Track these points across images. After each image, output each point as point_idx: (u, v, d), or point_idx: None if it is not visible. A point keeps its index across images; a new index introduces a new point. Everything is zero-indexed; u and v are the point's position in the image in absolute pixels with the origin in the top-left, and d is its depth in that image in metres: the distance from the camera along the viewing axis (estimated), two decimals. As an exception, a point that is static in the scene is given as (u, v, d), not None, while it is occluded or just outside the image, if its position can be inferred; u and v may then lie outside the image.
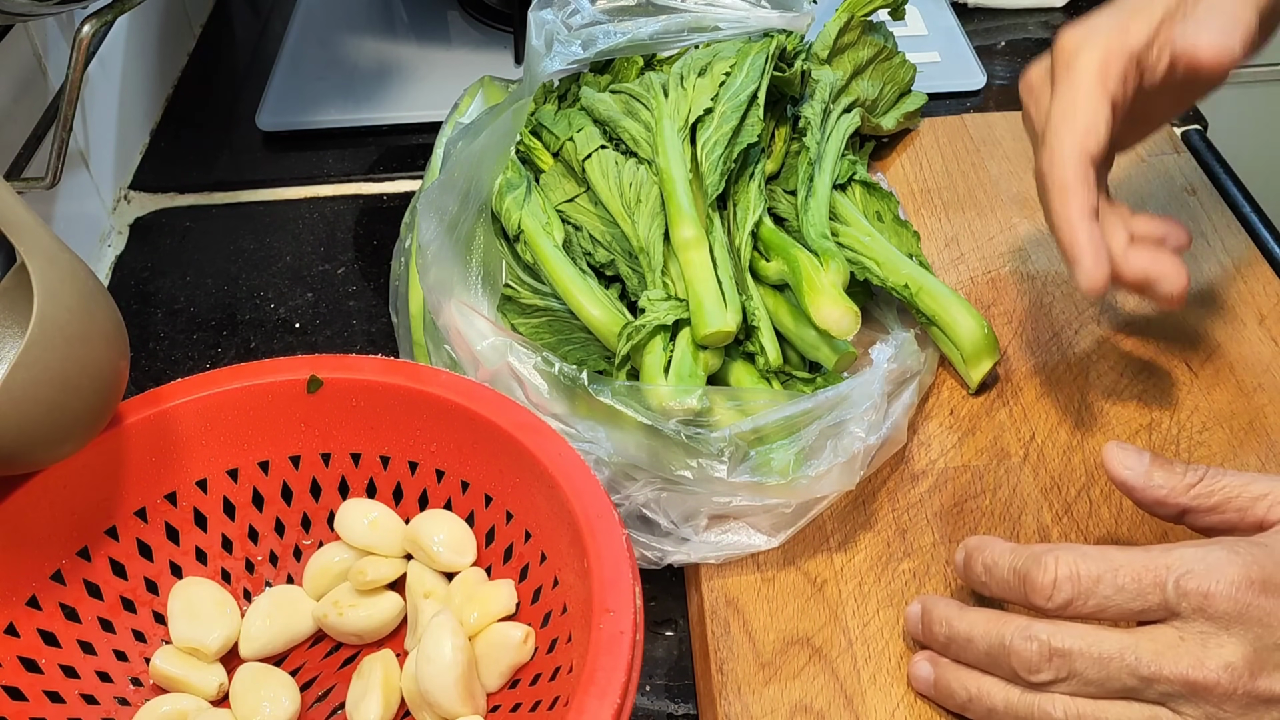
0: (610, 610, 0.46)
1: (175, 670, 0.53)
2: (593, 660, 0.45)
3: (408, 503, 0.58)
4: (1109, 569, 0.46)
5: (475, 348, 0.60)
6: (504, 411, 0.54)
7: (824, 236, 0.64)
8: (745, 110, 0.65)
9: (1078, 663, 0.45)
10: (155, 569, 0.56)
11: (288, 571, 0.58)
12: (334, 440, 0.57)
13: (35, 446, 0.47)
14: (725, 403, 0.57)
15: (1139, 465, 0.51)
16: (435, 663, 0.49)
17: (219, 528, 0.57)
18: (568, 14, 0.69)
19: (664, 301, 0.60)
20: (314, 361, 0.57)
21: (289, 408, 0.56)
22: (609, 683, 0.44)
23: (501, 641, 0.52)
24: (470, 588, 0.54)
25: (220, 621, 0.54)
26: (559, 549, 0.52)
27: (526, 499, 0.53)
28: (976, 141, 0.82)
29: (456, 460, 0.56)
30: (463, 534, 0.56)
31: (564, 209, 0.66)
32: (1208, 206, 0.76)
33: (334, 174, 0.86)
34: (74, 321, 0.46)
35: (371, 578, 0.55)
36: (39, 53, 0.73)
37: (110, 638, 0.54)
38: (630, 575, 0.47)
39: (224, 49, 1.02)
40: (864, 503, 0.60)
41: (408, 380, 0.56)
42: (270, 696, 0.52)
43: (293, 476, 0.58)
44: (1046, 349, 0.68)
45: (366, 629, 0.55)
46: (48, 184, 0.69)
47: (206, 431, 0.56)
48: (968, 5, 0.99)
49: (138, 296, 0.77)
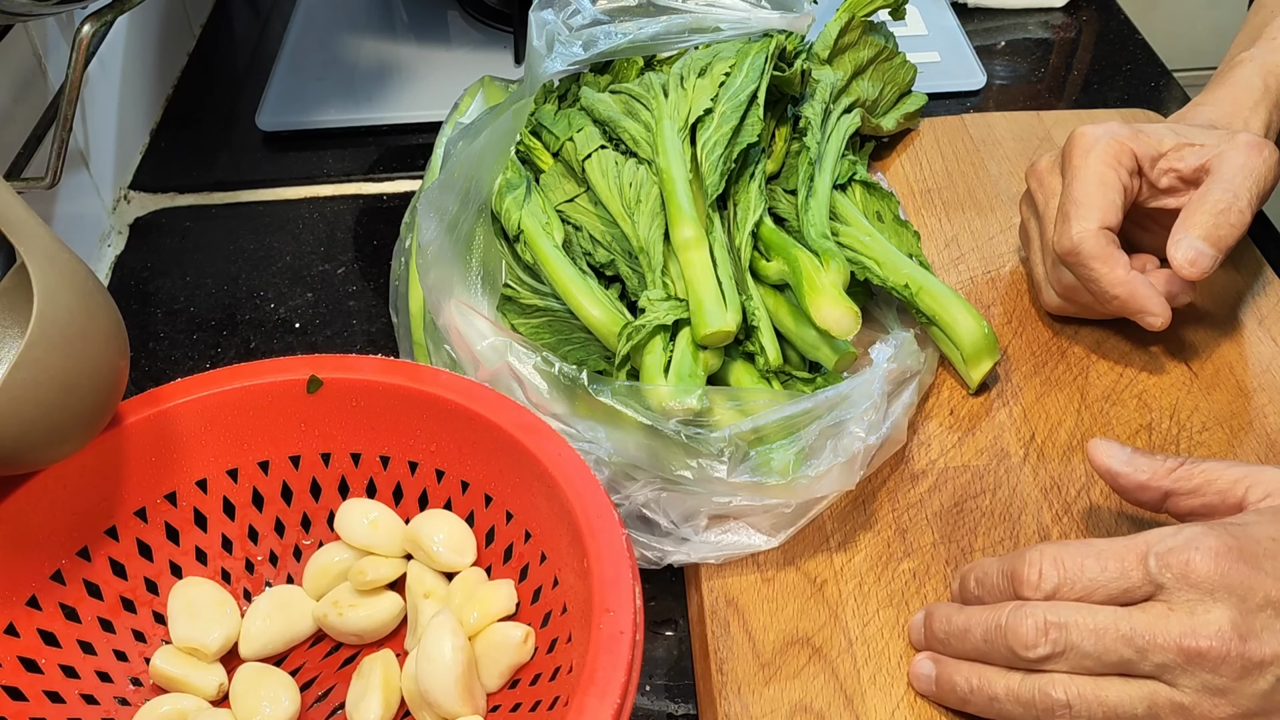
0: (610, 610, 0.46)
1: (175, 670, 0.53)
2: (593, 660, 0.45)
3: (407, 503, 0.58)
4: (1091, 553, 0.48)
5: (475, 348, 0.60)
6: (504, 411, 0.54)
7: (824, 236, 0.64)
8: (745, 110, 0.65)
9: (1073, 634, 0.46)
10: (155, 569, 0.56)
11: (288, 571, 0.58)
12: (334, 440, 0.57)
13: (35, 446, 0.47)
14: (725, 403, 0.57)
15: (1121, 454, 0.53)
16: (435, 662, 0.49)
17: (219, 528, 0.57)
18: (568, 15, 0.69)
19: (664, 301, 0.60)
20: (314, 361, 0.56)
21: (289, 408, 0.56)
22: (609, 682, 0.44)
23: (501, 641, 0.52)
24: (470, 588, 0.54)
25: (220, 621, 0.54)
26: (559, 549, 0.52)
27: (526, 499, 0.53)
28: (976, 141, 0.82)
29: (456, 460, 0.56)
30: (463, 534, 0.56)
31: (564, 209, 0.66)
32: (1208, 206, 0.76)
33: (334, 174, 0.86)
34: (74, 321, 0.46)
35: (371, 578, 0.55)
36: (39, 53, 0.73)
37: (110, 638, 0.54)
38: (630, 575, 0.47)
39: (224, 49, 1.02)
40: (864, 503, 0.60)
41: (407, 380, 0.55)
42: (270, 696, 0.52)
43: (293, 476, 0.58)
44: (1046, 349, 0.68)
45: (366, 629, 0.55)
46: (48, 184, 0.69)
47: (206, 431, 0.56)
48: (968, 5, 0.99)
49: (138, 296, 0.77)
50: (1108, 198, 0.62)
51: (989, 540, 0.58)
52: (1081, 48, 0.96)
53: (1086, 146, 0.64)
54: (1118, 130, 0.64)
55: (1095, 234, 0.61)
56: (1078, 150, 0.64)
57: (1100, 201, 0.62)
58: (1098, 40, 0.97)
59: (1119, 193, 0.63)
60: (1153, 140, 0.64)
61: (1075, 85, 0.92)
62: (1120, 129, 0.64)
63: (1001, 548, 0.58)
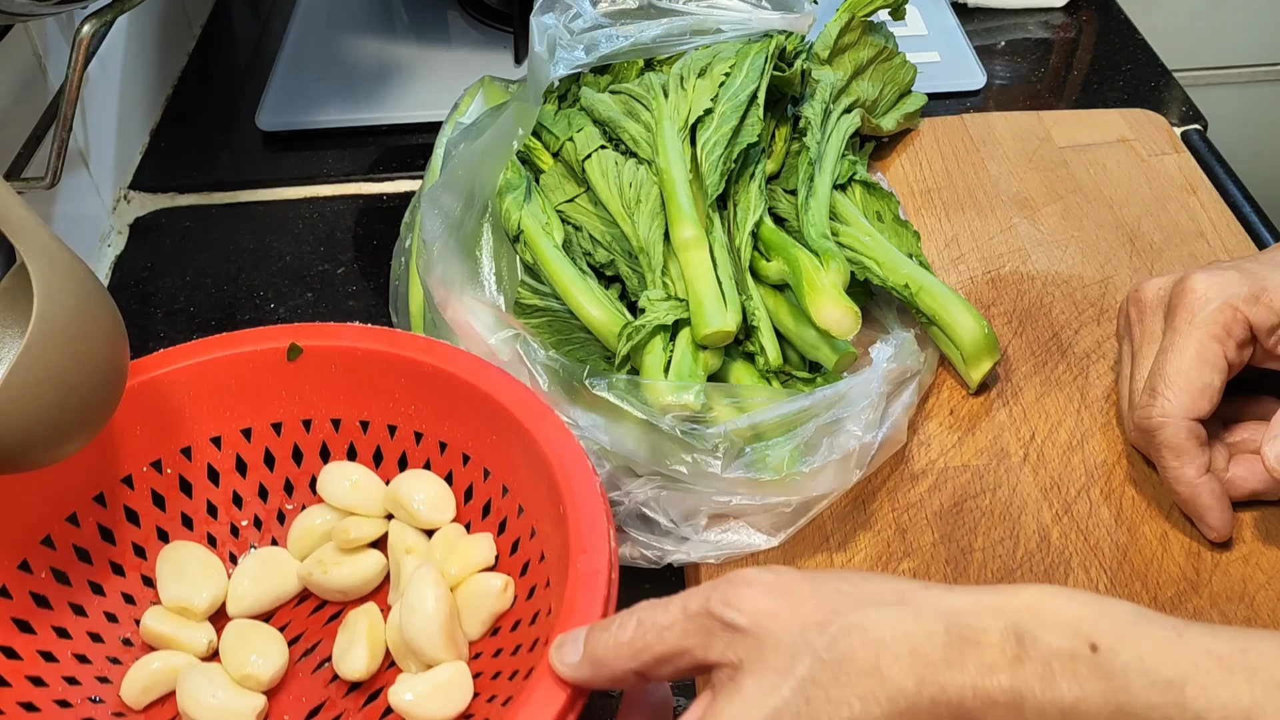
0: (586, 550, 0.47)
1: (165, 629, 0.54)
2: (570, 596, 0.46)
3: (388, 465, 0.59)
4: None
5: (489, 341, 0.60)
6: (479, 372, 0.55)
7: (824, 236, 0.64)
8: (745, 110, 0.65)
9: None
10: (143, 534, 0.57)
11: (272, 535, 0.60)
12: (315, 406, 0.59)
13: (35, 446, 0.47)
14: (723, 400, 0.57)
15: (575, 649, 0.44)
16: (419, 611, 0.51)
17: (204, 493, 0.59)
18: (570, 18, 0.69)
19: (664, 301, 0.60)
20: (294, 330, 0.58)
21: (270, 375, 0.58)
22: (587, 616, 0.45)
23: (482, 591, 0.53)
24: (450, 542, 0.56)
25: (208, 582, 0.56)
26: (536, 500, 0.53)
27: (503, 455, 0.55)
28: (976, 141, 0.82)
29: (434, 422, 0.57)
30: (442, 492, 0.57)
31: (564, 209, 0.66)
32: (1208, 206, 0.76)
33: (334, 174, 0.86)
34: (74, 321, 0.46)
35: (355, 536, 0.56)
36: (39, 53, 0.73)
37: (100, 600, 0.56)
38: (605, 518, 0.49)
39: (224, 49, 1.02)
40: (864, 502, 0.60)
41: (385, 345, 0.57)
42: (259, 649, 0.54)
43: (275, 443, 0.59)
44: (1046, 349, 0.68)
45: (351, 585, 0.56)
46: (48, 184, 0.69)
47: (191, 400, 0.57)
48: (968, 5, 1.00)
49: (138, 296, 0.77)
50: (1204, 379, 0.55)
51: (989, 540, 0.58)
52: (1081, 48, 0.96)
53: (1194, 309, 0.56)
54: (1234, 291, 0.56)
55: (1177, 424, 0.55)
56: (1184, 310, 0.57)
57: (1194, 384, 0.55)
58: (1098, 40, 0.97)
59: (1219, 373, 0.56)
60: (1276, 305, 0.56)
61: (1075, 85, 0.92)
62: (1238, 288, 0.56)
63: (1001, 547, 0.58)
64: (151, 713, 0.53)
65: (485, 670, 0.52)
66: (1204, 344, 0.56)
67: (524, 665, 0.50)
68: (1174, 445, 0.56)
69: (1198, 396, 0.55)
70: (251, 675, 0.53)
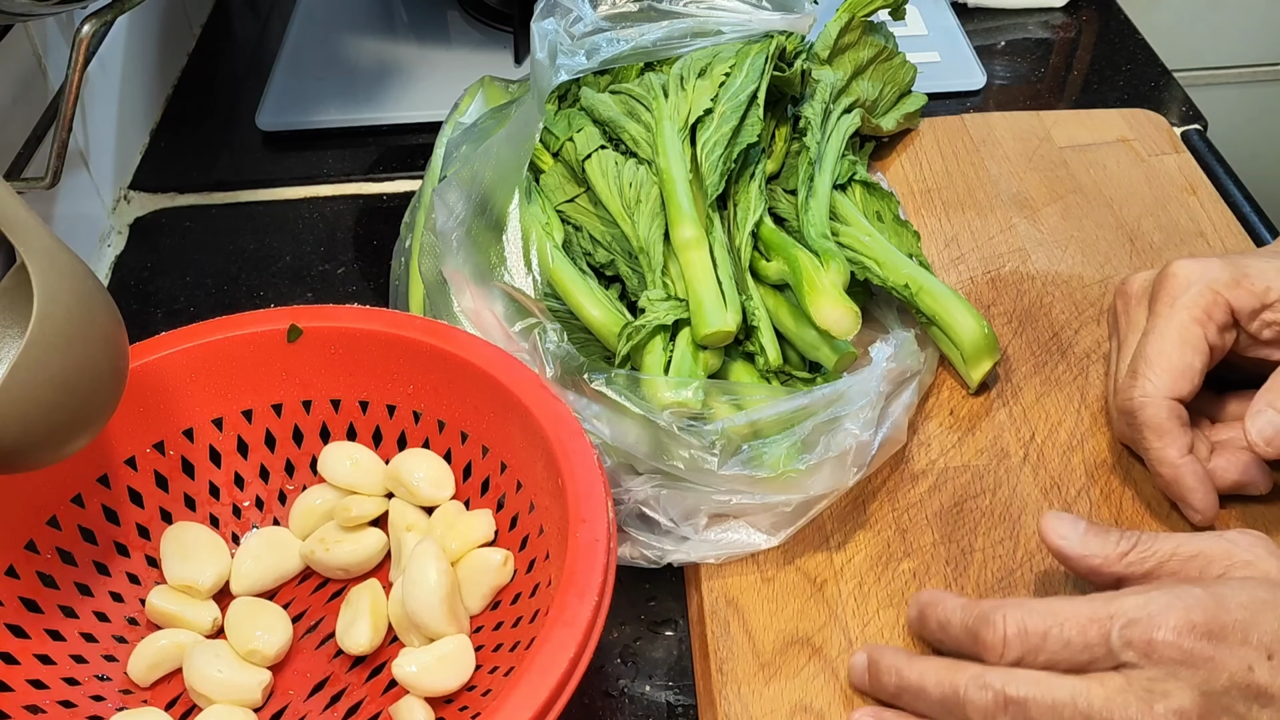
0: (585, 520, 0.48)
1: (170, 607, 0.55)
2: (570, 565, 0.47)
3: (387, 444, 0.60)
4: (1055, 623, 0.46)
5: (512, 329, 0.60)
6: (476, 349, 0.56)
7: (824, 236, 0.64)
8: (745, 110, 0.65)
9: (1032, 710, 0.45)
10: (146, 515, 0.58)
11: (273, 516, 0.60)
12: (314, 387, 0.59)
13: (35, 446, 0.47)
14: (722, 397, 0.57)
15: (1073, 534, 0.50)
16: (420, 585, 0.52)
17: (206, 475, 0.59)
18: (570, 22, 0.69)
19: (664, 301, 0.60)
20: (293, 311, 0.59)
21: (270, 357, 0.59)
22: (587, 584, 0.46)
23: (482, 565, 0.54)
24: (450, 519, 0.57)
25: (212, 561, 0.57)
26: (534, 475, 0.54)
27: (501, 432, 0.56)
28: (976, 141, 0.82)
29: (433, 401, 0.58)
30: (441, 470, 0.58)
31: (564, 209, 0.66)
32: (1208, 206, 0.76)
33: (334, 174, 0.86)
34: (74, 321, 0.46)
35: (356, 514, 0.57)
36: (39, 53, 0.73)
37: (105, 580, 0.56)
38: (602, 490, 0.49)
39: (224, 49, 1.02)
40: (864, 502, 0.60)
41: (384, 326, 0.58)
42: (264, 625, 0.54)
43: (275, 424, 0.60)
44: (1046, 349, 0.68)
45: (353, 563, 0.57)
46: (48, 184, 0.69)
47: (192, 382, 0.58)
48: (968, 5, 1.00)
49: (138, 296, 0.77)
50: (1185, 361, 0.55)
51: (989, 540, 0.58)
52: (1081, 48, 0.96)
53: (1176, 292, 0.57)
54: (1216, 275, 0.56)
55: (1158, 403, 0.55)
56: (1166, 294, 0.57)
57: (1175, 365, 0.55)
58: (1098, 40, 0.97)
59: (1200, 355, 0.56)
60: (1256, 289, 0.56)
61: (1075, 85, 0.92)
62: (1220, 273, 0.56)
63: (1001, 548, 0.58)
64: (158, 689, 0.54)
65: (487, 643, 0.53)
66: (1185, 326, 0.56)
67: (525, 636, 0.51)
68: (1155, 425, 0.56)
69: (1179, 377, 0.55)
70: (256, 650, 0.53)
